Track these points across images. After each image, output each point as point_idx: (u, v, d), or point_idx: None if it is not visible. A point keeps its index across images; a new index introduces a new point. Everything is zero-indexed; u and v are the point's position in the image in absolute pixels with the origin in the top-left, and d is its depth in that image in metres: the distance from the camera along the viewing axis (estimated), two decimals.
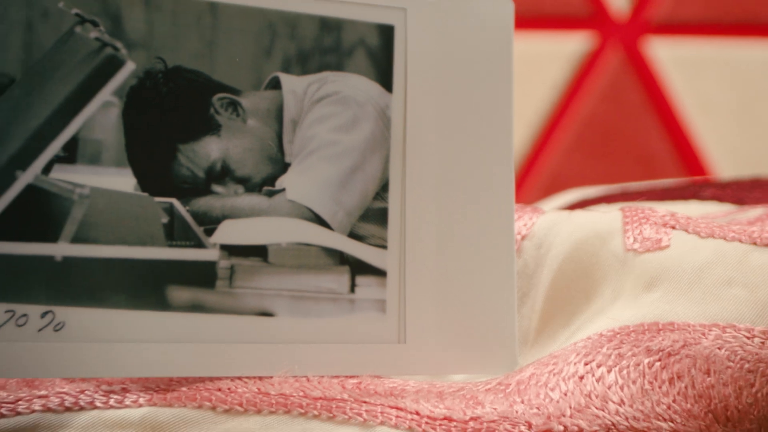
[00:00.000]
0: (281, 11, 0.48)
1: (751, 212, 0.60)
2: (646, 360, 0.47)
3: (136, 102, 0.46)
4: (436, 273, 0.50)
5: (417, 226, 0.50)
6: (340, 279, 0.49)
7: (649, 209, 0.54)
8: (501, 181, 0.51)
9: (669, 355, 0.47)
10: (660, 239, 0.52)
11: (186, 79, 0.47)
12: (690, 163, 1.18)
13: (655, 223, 0.52)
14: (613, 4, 1.18)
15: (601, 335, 0.48)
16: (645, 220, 0.53)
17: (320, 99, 0.49)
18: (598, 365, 0.47)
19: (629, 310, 0.49)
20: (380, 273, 0.49)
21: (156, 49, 0.47)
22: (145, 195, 0.46)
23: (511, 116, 0.51)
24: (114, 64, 0.46)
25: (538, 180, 1.18)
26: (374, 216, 0.49)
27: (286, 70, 0.49)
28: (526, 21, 1.16)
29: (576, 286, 0.52)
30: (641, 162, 1.18)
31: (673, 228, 0.52)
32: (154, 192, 0.47)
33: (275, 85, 0.49)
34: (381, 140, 0.50)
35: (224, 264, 0.47)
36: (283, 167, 0.48)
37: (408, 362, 0.49)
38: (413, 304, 0.49)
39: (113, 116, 0.46)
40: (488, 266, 0.51)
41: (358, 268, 0.49)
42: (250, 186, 0.48)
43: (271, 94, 0.48)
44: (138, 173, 0.46)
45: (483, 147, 0.51)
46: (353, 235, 0.49)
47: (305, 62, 0.49)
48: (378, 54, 0.50)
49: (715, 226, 0.52)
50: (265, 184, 0.48)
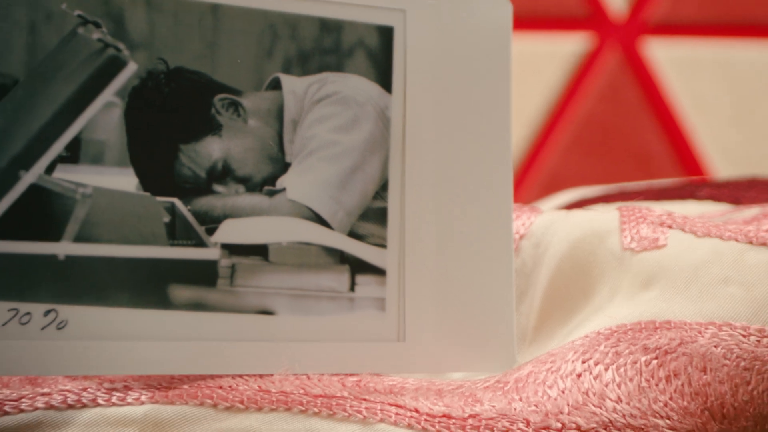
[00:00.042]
0: (282, 12, 0.48)
1: (747, 212, 0.60)
2: (643, 358, 0.47)
3: (138, 102, 0.46)
4: (435, 272, 0.50)
5: (416, 226, 0.50)
6: (340, 278, 0.49)
7: (646, 209, 0.54)
8: (499, 181, 0.51)
9: (666, 353, 0.47)
10: (657, 238, 0.51)
11: (187, 80, 0.47)
12: (687, 163, 1.17)
13: (652, 223, 0.52)
14: (611, 5, 1.17)
15: (599, 333, 0.48)
16: (642, 220, 0.53)
17: (320, 99, 0.49)
18: (596, 363, 0.47)
19: (626, 309, 0.49)
20: (380, 272, 0.49)
21: (158, 50, 0.47)
22: (147, 194, 0.46)
23: (510, 116, 0.51)
24: (116, 65, 0.46)
25: (537, 179, 1.17)
26: (374, 215, 0.49)
27: (287, 71, 0.49)
28: (525, 22, 1.15)
29: (574, 285, 0.52)
30: (639, 162, 1.17)
31: (670, 227, 0.52)
32: (156, 191, 0.47)
33: (276, 86, 0.49)
34: (380, 140, 0.50)
35: (225, 263, 0.47)
36: (284, 167, 0.48)
37: (407, 360, 0.49)
38: (412, 303, 0.49)
39: (115, 116, 0.46)
40: (487, 265, 0.51)
41: (358, 267, 0.49)
42: (251, 185, 0.48)
43: (272, 95, 0.48)
44: (140, 173, 0.46)
45: (482, 147, 0.51)
46: (353, 235, 0.49)
47: (305, 63, 0.49)
48: (378, 55, 0.50)
49: (712, 226, 0.52)
50: (266, 184, 0.48)
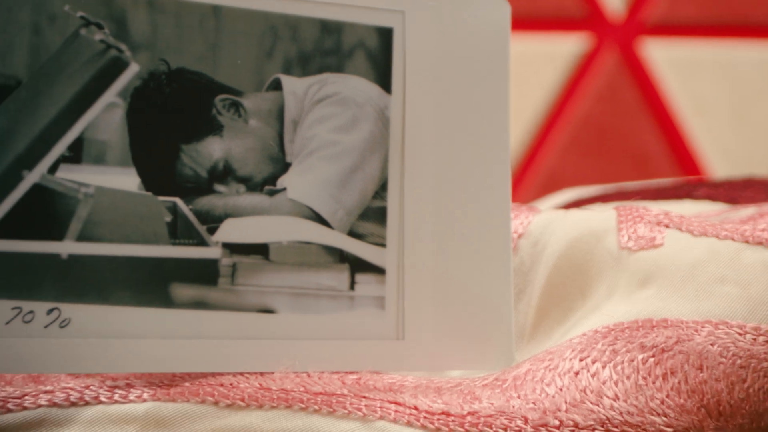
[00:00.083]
0: (282, 14, 0.48)
1: (744, 211, 0.60)
2: (640, 356, 0.47)
3: (140, 103, 0.46)
4: (434, 271, 0.50)
5: (415, 225, 0.50)
6: (340, 276, 0.49)
7: (643, 208, 0.54)
8: (498, 181, 0.51)
9: (662, 351, 0.47)
10: (654, 237, 0.51)
11: (189, 81, 0.47)
12: (684, 163, 1.17)
13: (649, 222, 0.52)
14: (609, 6, 1.17)
15: (596, 332, 0.48)
16: (639, 219, 0.53)
17: (320, 100, 0.49)
18: (593, 361, 0.47)
19: (623, 307, 0.49)
20: (379, 270, 0.49)
21: (160, 51, 0.47)
22: (149, 194, 0.46)
23: (508, 116, 0.51)
24: (118, 66, 0.46)
25: (535, 179, 1.17)
26: (373, 215, 0.49)
27: (287, 72, 0.49)
28: (523, 22, 1.15)
29: (571, 284, 0.52)
30: (636, 162, 1.17)
31: (667, 227, 0.52)
32: (158, 191, 0.47)
33: (276, 87, 0.49)
34: (380, 140, 0.50)
35: (226, 262, 0.47)
36: (284, 167, 0.49)
37: (406, 358, 0.49)
38: (412, 301, 0.49)
39: (118, 117, 0.46)
40: (485, 264, 0.51)
41: (358, 266, 0.49)
42: (252, 185, 0.48)
43: (273, 95, 0.49)
44: (142, 173, 0.46)
45: (480, 147, 0.51)
46: (353, 234, 0.49)
47: (306, 64, 0.49)
48: (377, 56, 0.50)
49: (708, 225, 0.52)
50: (267, 184, 0.48)
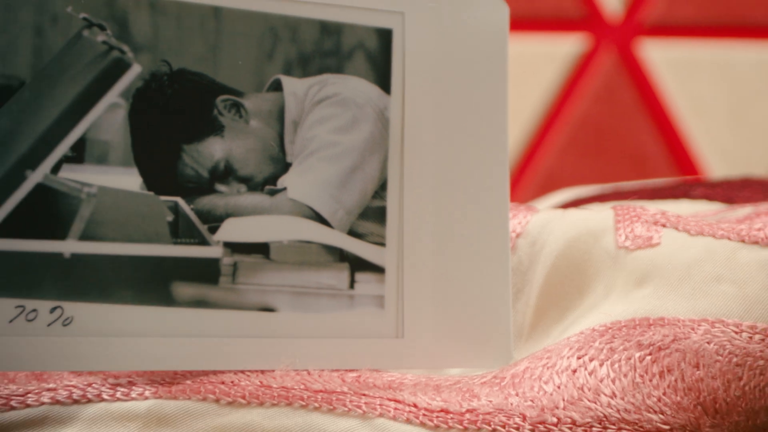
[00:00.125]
0: (283, 15, 0.48)
1: (740, 211, 0.60)
2: (637, 354, 0.47)
3: (142, 103, 0.46)
4: (433, 270, 0.50)
5: (414, 224, 0.50)
6: (340, 275, 0.49)
7: (641, 208, 0.54)
8: (496, 181, 0.51)
9: (659, 349, 0.47)
10: (651, 237, 0.51)
11: (190, 82, 0.47)
12: (682, 163, 1.17)
13: (646, 222, 0.52)
14: (607, 7, 1.16)
15: (594, 330, 0.48)
16: (636, 219, 0.53)
17: (320, 101, 0.49)
18: (591, 359, 0.47)
19: (621, 306, 0.49)
20: (379, 270, 0.49)
21: (161, 53, 0.47)
22: (151, 194, 0.47)
23: (507, 117, 0.51)
24: (120, 67, 0.46)
25: (533, 179, 1.17)
26: (373, 214, 0.50)
27: (288, 73, 0.49)
28: (521, 23, 1.15)
29: (569, 283, 0.52)
30: (634, 162, 1.16)
31: (664, 226, 0.52)
32: (160, 191, 0.47)
33: (277, 88, 0.49)
34: (380, 141, 0.50)
35: (227, 261, 0.47)
36: (285, 167, 0.49)
37: (406, 356, 0.49)
38: (411, 300, 0.50)
39: (120, 117, 0.46)
40: (484, 263, 0.51)
41: (358, 265, 0.49)
42: (253, 185, 0.48)
43: (273, 96, 0.49)
44: (144, 173, 0.47)
45: (479, 147, 0.51)
46: (352, 233, 0.49)
47: (306, 65, 0.49)
48: (377, 57, 0.50)
49: (705, 225, 0.52)
50: (267, 184, 0.48)
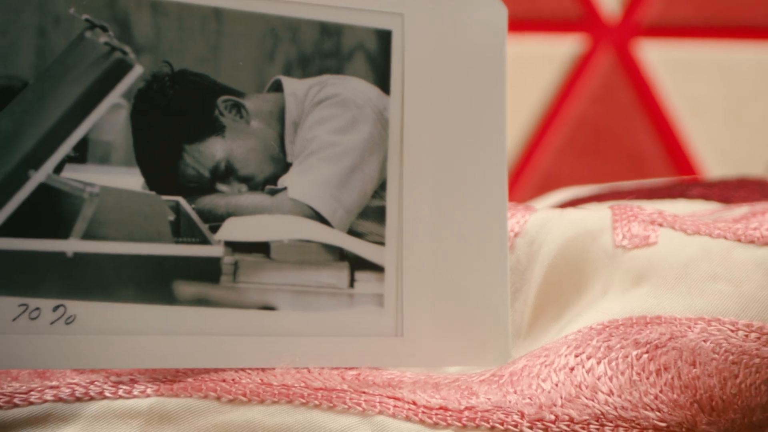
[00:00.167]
0: (283, 17, 0.48)
1: (737, 210, 0.59)
2: (634, 352, 0.47)
3: (144, 104, 0.47)
4: (432, 269, 0.50)
5: (414, 224, 0.50)
6: (340, 274, 0.49)
7: (638, 207, 0.54)
8: (494, 180, 0.51)
9: (656, 348, 0.47)
10: (648, 236, 0.52)
11: (192, 82, 0.47)
12: (679, 163, 1.16)
13: (643, 221, 0.52)
14: (605, 7, 1.16)
15: (591, 328, 0.49)
16: (633, 218, 0.53)
17: (320, 101, 0.49)
18: (588, 357, 0.47)
19: (618, 304, 0.50)
20: (378, 269, 0.50)
21: (163, 54, 0.47)
22: (153, 193, 0.47)
23: (505, 117, 0.52)
24: (122, 68, 0.46)
25: (531, 179, 1.17)
26: (372, 214, 0.50)
27: (288, 74, 0.49)
28: (519, 24, 1.14)
29: (567, 281, 0.52)
30: (632, 162, 1.16)
31: (661, 225, 0.52)
32: (161, 191, 0.47)
33: (277, 88, 0.49)
34: (379, 141, 0.50)
35: (228, 260, 0.48)
36: (285, 167, 0.49)
37: (405, 354, 0.50)
38: (410, 299, 0.50)
39: (122, 118, 0.46)
40: (482, 262, 0.51)
41: (357, 264, 0.49)
42: (253, 185, 0.48)
43: (274, 97, 0.49)
44: (146, 172, 0.47)
45: (477, 147, 0.51)
46: (352, 233, 0.49)
47: (306, 66, 0.49)
48: (376, 58, 0.50)
49: (701, 224, 0.52)
50: (268, 183, 0.48)
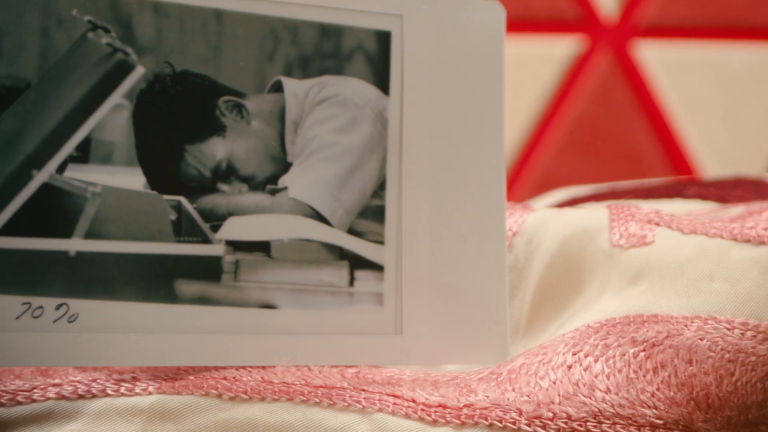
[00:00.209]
0: (283, 18, 0.49)
1: (733, 210, 0.60)
2: (631, 350, 0.47)
3: (146, 104, 0.47)
4: (431, 267, 0.50)
5: (413, 223, 0.50)
6: (340, 273, 0.49)
7: (635, 207, 0.54)
8: (493, 180, 0.51)
9: (653, 346, 0.47)
10: (645, 235, 0.52)
11: (193, 83, 0.48)
12: (677, 163, 1.16)
13: (641, 220, 0.53)
14: (603, 8, 1.16)
15: (589, 327, 0.49)
16: (631, 217, 0.53)
17: (320, 101, 0.49)
18: (586, 355, 0.47)
19: (615, 303, 0.50)
20: (378, 267, 0.50)
21: (164, 54, 0.47)
22: (155, 193, 0.47)
23: (503, 117, 0.52)
24: (124, 69, 0.46)
25: (529, 179, 1.17)
26: (372, 213, 0.50)
27: (288, 74, 0.49)
28: (518, 24, 1.14)
29: (564, 280, 0.52)
30: (629, 161, 1.16)
31: (658, 225, 0.52)
32: (163, 190, 0.47)
33: (278, 89, 0.49)
34: (379, 141, 0.50)
35: (229, 259, 0.48)
36: (286, 167, 0.49)
37: (404, 352, 0.50)
38: (409, 297, 0.50)
39: (124, 118, 0.47)
40: (481, 261, 0.51)
41: (357, 263, 0.49)
42: (254, 184, 0.48)
43: (274, 97, 0.49)
44: (147, 172, 0.47)
45: (476, 147, 0.51)
46: (352, 232, 0.49)
47: (306, 66, 0.49)
48: (376, 59, 0.50)
49: (698, 223, 0.52)
50: (268, 183, 0.49)
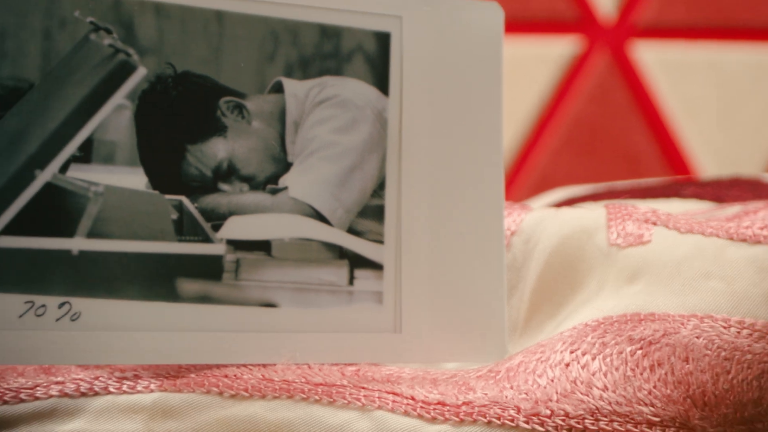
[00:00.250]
0: (283, 19, 0.49)
1: (729, 209, 0.60)
2: (629, 348, 0.47)
3: (148, 105, 0.47)
4: (430, 266, 0.50)
5: (412, 223, 0.50)
6: (340, 272, 0.49)
7: (632, 206, 0.54)
8: (491, 180, 0.51)
9: (650, 344, 0.47)
10: (642, 234, 0.52)
11: (194, 84, 0.48)
12: (674, 163, 1.16)
13: (638, 220, 0.53)
14: (601, 9, 1.16)
15: (586, 325, 0.49)
16: (628, 217, 0.53)
17: (320, 102, 0.50)
18: (583, 353, 0.47)
19: (613, 301, 0.50)
20: (377, 266, 0.50)
21: (166, 55, 0.47)
22: (156, 193, 0.47)
23: (501, 117, 0.52)
24: (126, 70, 0.47)
25: (528, 178, 1.16)
26: (372, 213, 0.50)
27: (289, 75, 0.49)
28: (516, 25, 1.14)
29: (562, 279, 0.53)
30: (627, 161, 1.16)
31: (655, 224, 0.52)
32: (165, 190, 0.47)
33: (278, 89, 0.49)
34: (378, 141, 0.50)
35: (230, 258, 0.48)
36: (286, 166, 0.49)
37: (403, 351, 0.50)
38: (408, 296, 0.50)
39: (126, 118, 0.47)
40: (479, 260, 0.51)
41: (357, 262, 0.50)
42: (255, 184, 0.49)
43: (274, 98, 0.49)
44: (149, 172, 0.47)
45: (474, 147, 0.51)
46: (352, 231, 0.50)
47: (306, 67, 0.49)
48: (375, 59, 0.50)
49: (694, 223, 0.52)
50: (269, 183, 0.49)
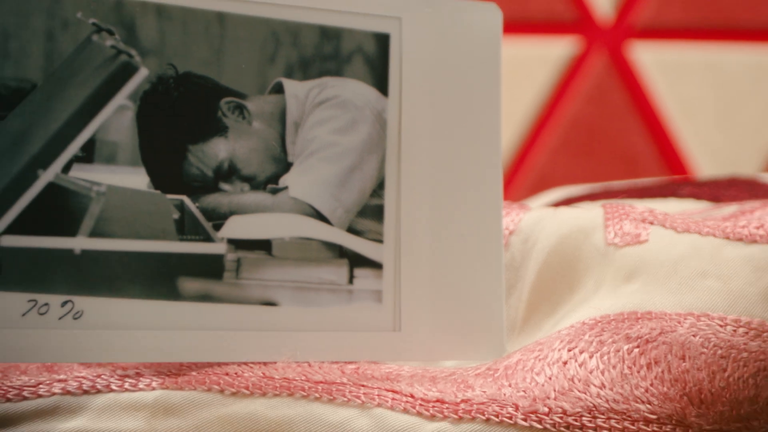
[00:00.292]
0: (284, 21, 0.49)
1: (726, 209, 0.60)
2: (626, 346, 0.47)
3: (149, 106, 0.47)
4: (429, 266, 0.50)
5: (411, 222, 0.50)
6: (340, 271, 0.50)
7: (629, 206, 0.54)
8: (490, 180, 0.51)
9: (647, 342, 0.47)
10: (639, 234, 0.52)
11: (195, 84, 0.48)
12: (671, 163, 1.16)
13: (635, 219, 0.53)
14: (598, 10, 1.16)
15: (584, 323, 0.49)
16: (625, 216, 0.53)
17: (321, 103, 0.50)
18: (581, 351, 0.47)
19: (610, 300, 0.50)
20: (377, 265, 0.50)
21: (167, 57, 0.47)
22: (158, 192, 0.47)
23: (500, 118, 0.52)
24: (128, 70, 0.47)
25: (526, 179, 1.16)
26: (371, 212, 0.50)
27: (289, 76, 0.49)
28: (514, 26, 1.14)
29: (560, 278, 0.53)
30: (624, 162, 1.16)
31: (652, 224, 0.53)
32: (166, 189, 0.48)
33: (278, 90, 0.49)
34: (378, 141, 0.50)
35: (231, 257, 0.48)
36: (286, 167, 0.49)
37: (403, 349, 0.50)
38: (407, 295, 0.50)
39: (128, 119, 0.47)
40: (478, 259, 0.51)
41: (356, 261, 0.50)
42: (256, 184, 0.49)
43: (275, 98, 0.49)
44: (151, 172, 0.47)
45: (473, 147, 0.51)
46: (351, 230, 0.50)
47: (306, 68, 0.49)
48: (375, 60, 0.50)
49: (691, 222, 0.52)
50: (270, 183, 0.49)
